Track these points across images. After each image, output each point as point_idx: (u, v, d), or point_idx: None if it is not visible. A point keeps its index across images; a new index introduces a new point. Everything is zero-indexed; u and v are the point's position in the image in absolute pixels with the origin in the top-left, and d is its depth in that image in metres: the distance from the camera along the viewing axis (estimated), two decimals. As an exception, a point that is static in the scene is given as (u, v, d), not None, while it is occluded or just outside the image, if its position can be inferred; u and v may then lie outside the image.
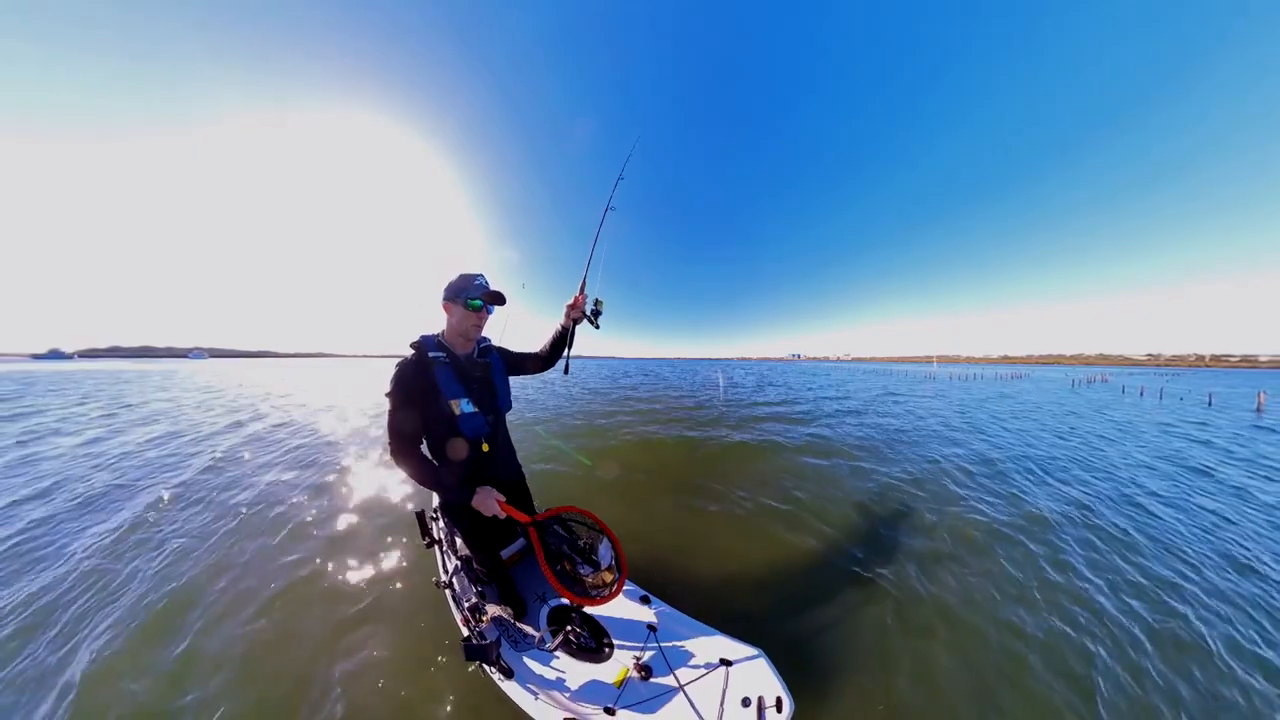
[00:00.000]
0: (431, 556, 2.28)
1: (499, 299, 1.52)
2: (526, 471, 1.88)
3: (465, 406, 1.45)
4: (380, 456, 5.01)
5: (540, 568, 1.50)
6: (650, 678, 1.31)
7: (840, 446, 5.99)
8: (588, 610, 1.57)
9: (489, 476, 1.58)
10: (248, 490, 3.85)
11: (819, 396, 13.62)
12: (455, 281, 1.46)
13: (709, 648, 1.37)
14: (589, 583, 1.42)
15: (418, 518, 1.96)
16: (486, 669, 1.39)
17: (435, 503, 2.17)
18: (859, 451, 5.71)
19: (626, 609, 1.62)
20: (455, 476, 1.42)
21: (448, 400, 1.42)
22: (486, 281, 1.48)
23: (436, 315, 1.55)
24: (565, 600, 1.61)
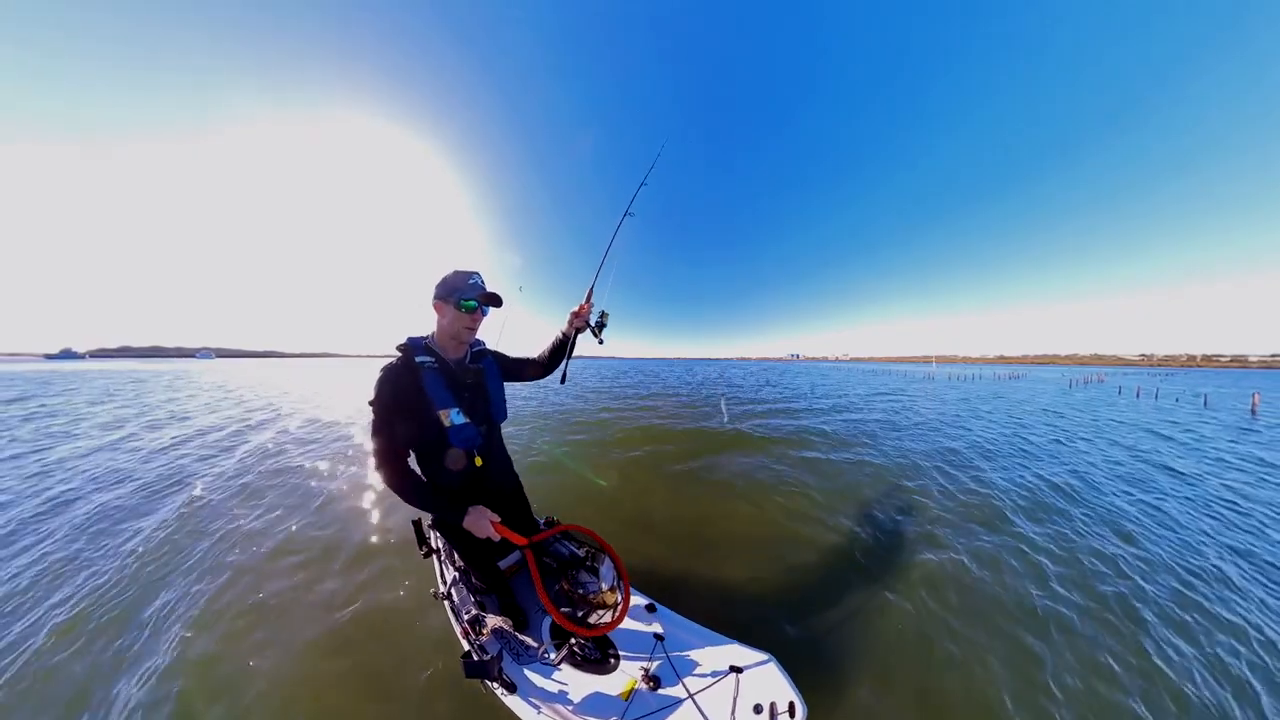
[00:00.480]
0: (429, 566, 2.22)
1: (495, 300, 1.38)
2: (521, 476, 1.77)
3: (456, 417, 1.31)
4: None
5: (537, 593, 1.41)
6: (659, 688, 1.26)
7: (841, 444, 5.94)
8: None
9: (483, 491, 1.46)
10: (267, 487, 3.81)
11: (814, 397, 13.56)
12: (448, 279, 1.32)
13: (718, 655, 1.33)
14: (591, 601, 1.36)
15: (414, 526, 1.89)
16: (488, 684, 1.33)
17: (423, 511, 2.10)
18: (860, 450, 5.66)
19: (632, 617, 1.56)
20: (446, 494, 1.30)
21: (437, 410, 1.29)
22: (482, 281, 1.35)
23: (427, 314, 1.37)
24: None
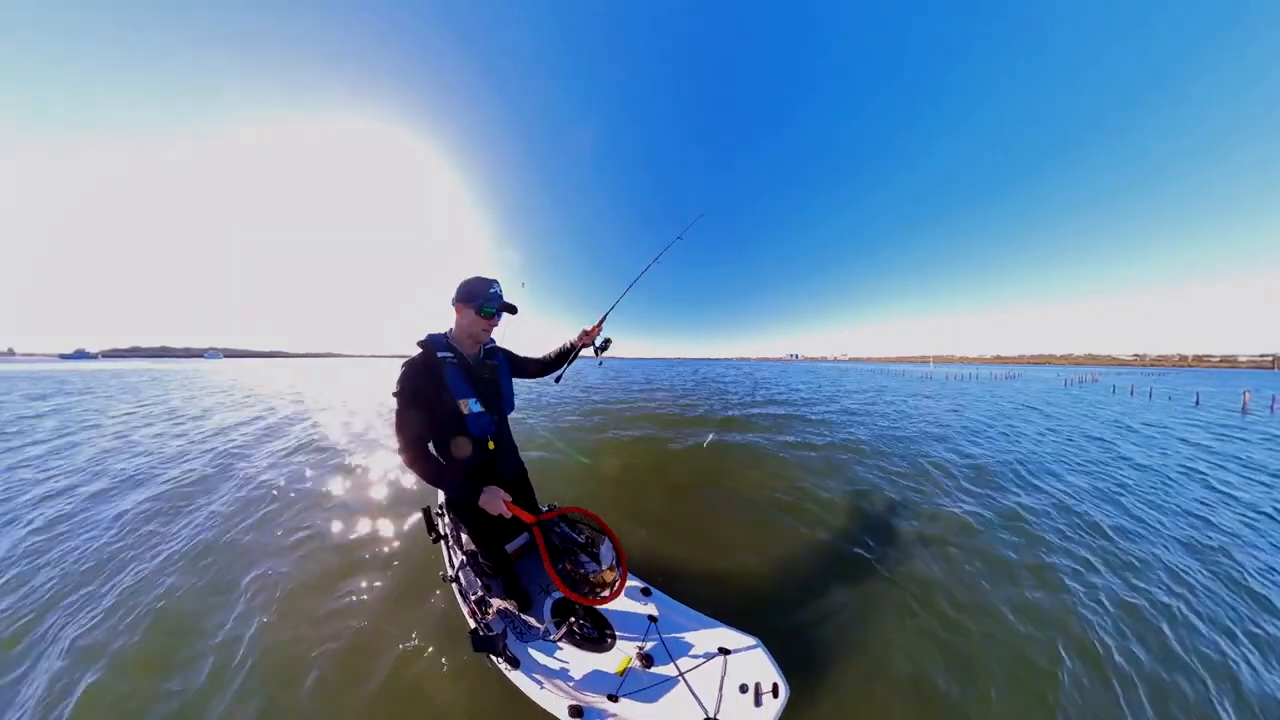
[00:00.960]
0: (438, 551, 2.30)
1: (512, 309, 1.53)
2: (525, 465, 1.89)
3: (474, 406, 1.45)
4: (391, 455, 4.99)
5: (544, 566, 1.51)
6: (651, 666, 1.33)
7: (836, 441, 5.98)
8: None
9: (494, 474, 1.59)
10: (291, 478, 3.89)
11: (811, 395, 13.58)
12: (470, 284, 1.44)
13: (708, 637, 1.39)
14: (592, 581, 1.43)
15: (424, 513, 1.97)
16: (493, 659, 1.40)
17: (440, 499, 2.18)
18: (854, 444, 5.69)
19: (627, 601, 1.63)
20: (462, 475, 1.42)
21: (456, 400, 1.41)
22: (501, 291, 1.48)
23: (443, 313, 1.49)
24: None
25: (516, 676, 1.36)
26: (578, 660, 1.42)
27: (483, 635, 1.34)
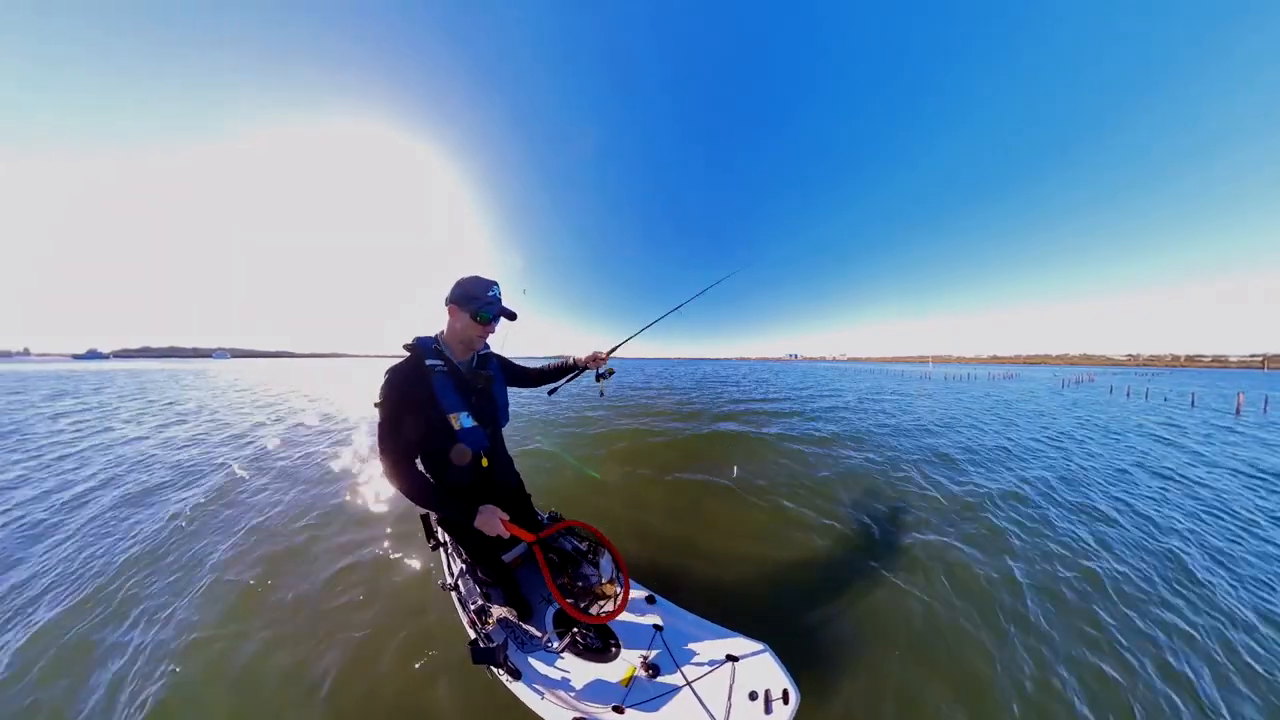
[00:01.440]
0: (437, 559, 2.24)
1: (511, 315, 1.39)
2: (519, 470, 1.79)
3: (465, 420, 1.31)
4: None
5: (545, 584, 1.47)
6: (657, 676, 1.28)
7: (839, 441, 5.93)
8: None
9: (488, 490, 1.47)
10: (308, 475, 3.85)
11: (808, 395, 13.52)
12: (466, 285, 1.28)
13: (715, 644, 1.34)
14: (594, 592, 1.39)
15: (423, 521, 1.90)
16: (494, 671, 1.35)
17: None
18: (857, 445, 5.65)
19: (631, 609, 1.58)
20: (454, 495, 1.29)
21: (446, 414, 1.27)
22: (500, 294, 1.33)
23: (435, 313, 1.32)
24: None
25: (518, 688, 1.31)
26: (581, 670, 1.37)
27: (483, 646, 1.29)
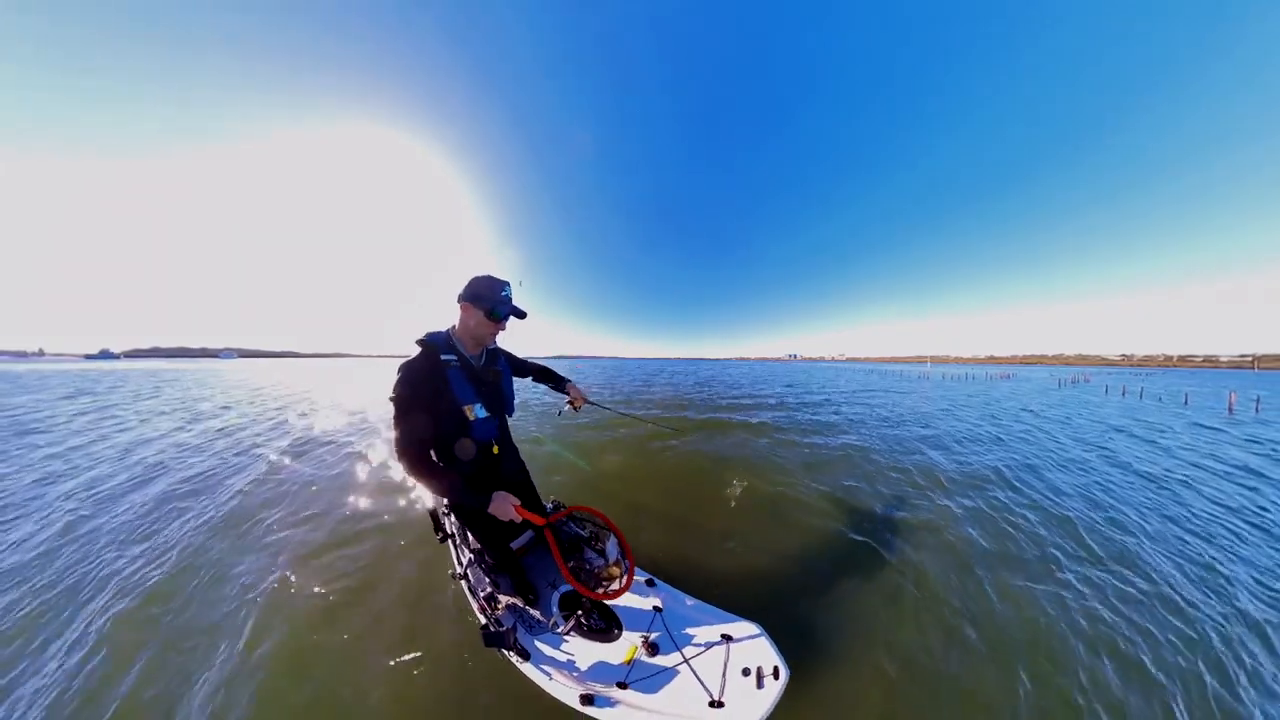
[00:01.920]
0: (446, 550, 2.29)
1: (521, 314, 1.46)
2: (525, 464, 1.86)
3: (479, 412, 1.38)
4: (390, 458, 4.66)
5: (556, 565, 1.53)
6: (657, 655, 1.34)
7: (833, 435, 5.96)
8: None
9: (498, 478, 1.55)
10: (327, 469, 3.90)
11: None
12: (480, 284, 1.33)
13: (711, 626, 1.40)
14: (599, 575, 1.44)
15: (430, 515, 1.96)
16: (504, 653, 1.41)
17: (445, 500, 2.15)
18: (851, 439, 5.68)
19: (633, 592, 1.64)
20: (468, 482, 1.34)
21: (461, 406, 1.34)
22: (511, 294, 1.40)
23: (441, 313, 1.34)
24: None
25: (527, 668, 1.37)
26: (585, 651, 1.43)
27: (493, 630, 1.34)
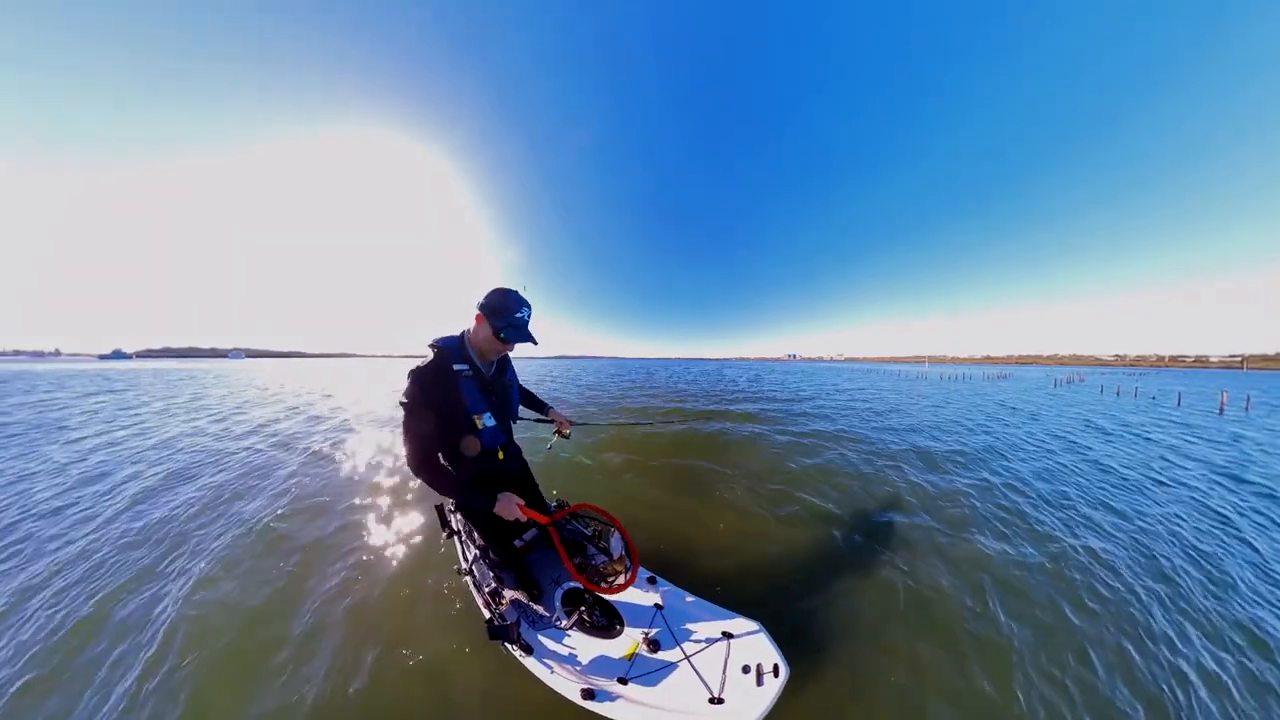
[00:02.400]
0: (452, 546, 2.30)
1: (533, 341, 1.42)
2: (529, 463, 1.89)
3: (488, 420, 1.40)
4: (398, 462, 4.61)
5: (561, 561, 1.55)
6: (658, 651, 1.34)
7: (830, 433, 5.94)
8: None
9: (502, 479, 1.59)
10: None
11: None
12: (499, 299, 1.32)
13: (712, 623, 1.41)
14: (602, 571, 1.45)
15: (437, 511, 1.97)
16: (508, 647, 1.42)
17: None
18: (845, 436, 5.67)
19: (634, 590, 1.64)
20: (473, 484, 1.37)
21: (471, 414, 1.36)
22: (528, 318, 1.37)
23: (442, 314, 1.37)
24: (579, 584, 1.64)
25: (530, 662, 1.37)
26: (587, 646, 1.43)
27: (497, 625, 1.35)
